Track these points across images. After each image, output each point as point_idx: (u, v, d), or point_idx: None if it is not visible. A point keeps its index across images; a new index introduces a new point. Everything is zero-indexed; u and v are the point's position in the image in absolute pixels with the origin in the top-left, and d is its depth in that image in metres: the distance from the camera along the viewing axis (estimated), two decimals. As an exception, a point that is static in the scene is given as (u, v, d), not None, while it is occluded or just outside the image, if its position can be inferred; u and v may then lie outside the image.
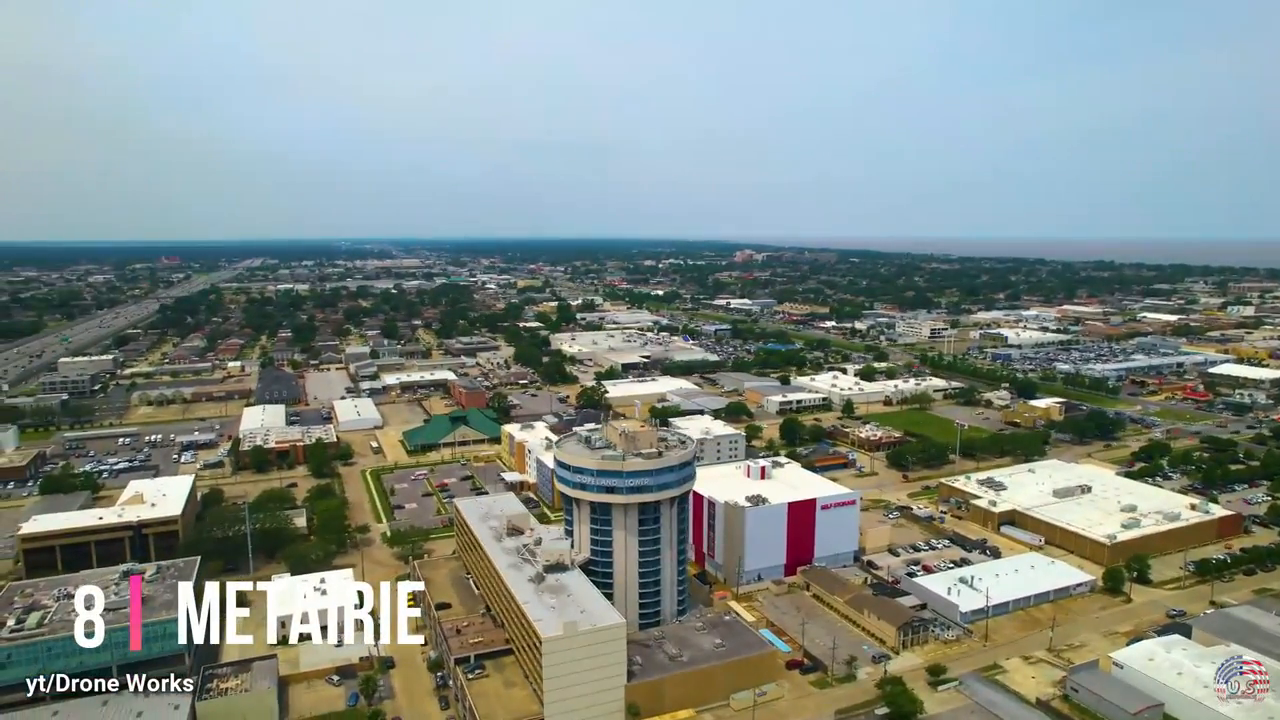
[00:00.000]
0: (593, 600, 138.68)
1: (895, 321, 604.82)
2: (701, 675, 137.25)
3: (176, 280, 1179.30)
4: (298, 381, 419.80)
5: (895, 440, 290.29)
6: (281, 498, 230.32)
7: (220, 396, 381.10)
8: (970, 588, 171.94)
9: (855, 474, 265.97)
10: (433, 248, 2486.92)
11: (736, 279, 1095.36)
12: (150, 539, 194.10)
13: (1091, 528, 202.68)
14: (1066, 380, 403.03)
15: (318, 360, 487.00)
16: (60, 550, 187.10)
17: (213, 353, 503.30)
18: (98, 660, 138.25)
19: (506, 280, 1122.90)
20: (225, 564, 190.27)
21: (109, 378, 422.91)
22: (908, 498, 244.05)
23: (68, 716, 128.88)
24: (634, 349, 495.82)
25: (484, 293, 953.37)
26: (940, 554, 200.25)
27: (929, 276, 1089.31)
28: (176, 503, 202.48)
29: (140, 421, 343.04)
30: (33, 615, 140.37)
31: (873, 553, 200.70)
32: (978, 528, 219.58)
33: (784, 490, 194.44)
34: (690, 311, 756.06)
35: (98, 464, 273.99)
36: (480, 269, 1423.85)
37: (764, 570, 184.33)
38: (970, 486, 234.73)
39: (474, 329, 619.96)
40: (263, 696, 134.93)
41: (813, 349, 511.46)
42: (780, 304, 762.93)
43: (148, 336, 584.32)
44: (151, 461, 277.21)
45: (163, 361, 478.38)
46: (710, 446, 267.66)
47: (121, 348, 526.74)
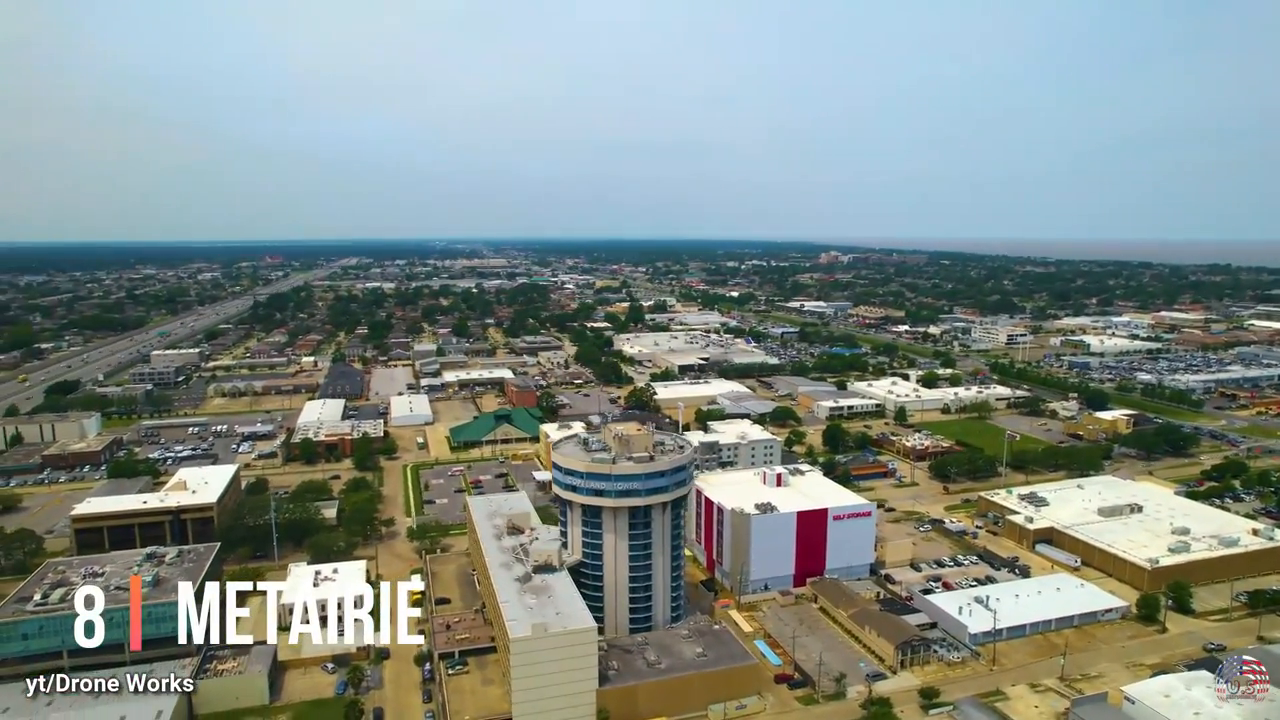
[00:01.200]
0: (571, 603, 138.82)
1: (971, 327, 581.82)
2: (678, 684, 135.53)
3: (275, 278, 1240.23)
4: (364, 377, 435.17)
5: (942, 450, 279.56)
6: (319, 489, 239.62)
7: (288, 390, 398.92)
8: (985, 608, 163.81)
9: (894, 484, 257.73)
10: (522, 247, 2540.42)
11: (817, 281, 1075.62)
12: (188, 524, 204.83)
13: (1133, 550, 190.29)
14: (1145, 391, 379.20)
15: (387, 357, 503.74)
16: (108, 531, 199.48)
17: (291, 348, 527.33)
18: (111, 637, 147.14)
19: (586, 281, 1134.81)
20: (254, 551, 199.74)
21: (193, 370, 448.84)
22: (944, 510, 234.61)
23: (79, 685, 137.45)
24: (694, 351, 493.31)
25: (561, 292, 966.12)
26: (965, 571, 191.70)
27: (1019, 280, 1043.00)
28: (215, 490, 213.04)
29: (213, 412, 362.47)
30: (56, 592, 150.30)
31: (893, 566, 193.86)
32: (1012, 545, 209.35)
33: (798, 499, 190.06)
34: (762, 314, 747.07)
35: (165, 451, 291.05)
36: (564, 269, 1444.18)
37: (771, 580, 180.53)
38: (1009, 501, 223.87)
39: (542, 328, 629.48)
40: (254, 679, 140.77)
41: (879, 353, 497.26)
42: (855, 307, 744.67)
43: (236, 331, 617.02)
44: (212, 450, 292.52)
45: (245, 355, 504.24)
46: (745, 451, 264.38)
47: (211, 341, 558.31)
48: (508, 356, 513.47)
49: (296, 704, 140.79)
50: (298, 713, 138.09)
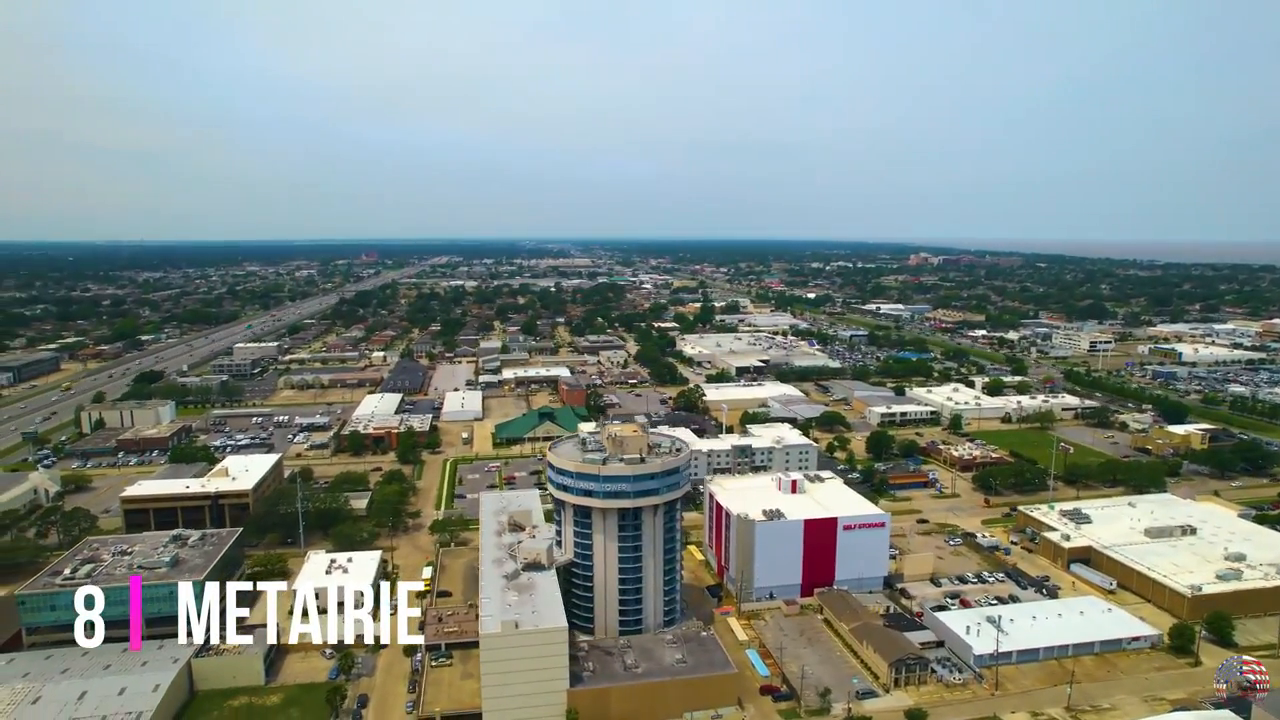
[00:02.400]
0: (550, 602, 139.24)
1: (1052, 332, 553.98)
2: (652, 689, 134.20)
3: (366, 275, 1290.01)
4: (427, 372, 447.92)
5: (991, 461, 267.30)
6: (356, 480, 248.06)
7: (353, 384, 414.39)
8: (996, 628, 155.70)
9: (933, 494, 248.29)
10: (610, 248, 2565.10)
11: (900, 283, 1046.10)
12: (225, 508, 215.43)
13: (1176, 574, 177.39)
14: (1235, 405, 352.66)
15: (453, 353, 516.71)
16: (153, 513, 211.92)
17: (365, 343, 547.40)
18: (125, 614, 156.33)
19: (664, 281, 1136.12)
20: (284, 537, 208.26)
21: (269, 363, 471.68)
22: (981, 524, 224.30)
23: (92, 655, 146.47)
24: (755, 352, 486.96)
25: (637, 292, 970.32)
26: (988, 588, 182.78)
27: (1118, 283, 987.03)
28: (253, 478, 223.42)
29: (280, 403, 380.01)
30: (85, 568, 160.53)
31: (912, 580, 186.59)
32: (1046, 563, 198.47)
33: (810, 506, 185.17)
34: (837, 316, 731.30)
35: (228, 439, 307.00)
36: (646, 269, 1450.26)
37: (777, 589, 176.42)
38: (1048, 517, 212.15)
39: (609, 327, 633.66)
40: (251, 660, 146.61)
41: (948, 359, 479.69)
42: (934, 310, 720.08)
43: (318, 326, 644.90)
44: (269, 440, 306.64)
45: (321, 350, 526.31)
46: (779, 456, 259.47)
47: (292, 336, 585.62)
48: (570, 355, 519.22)
49: (290, 686, 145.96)
50: (289, 695, 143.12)
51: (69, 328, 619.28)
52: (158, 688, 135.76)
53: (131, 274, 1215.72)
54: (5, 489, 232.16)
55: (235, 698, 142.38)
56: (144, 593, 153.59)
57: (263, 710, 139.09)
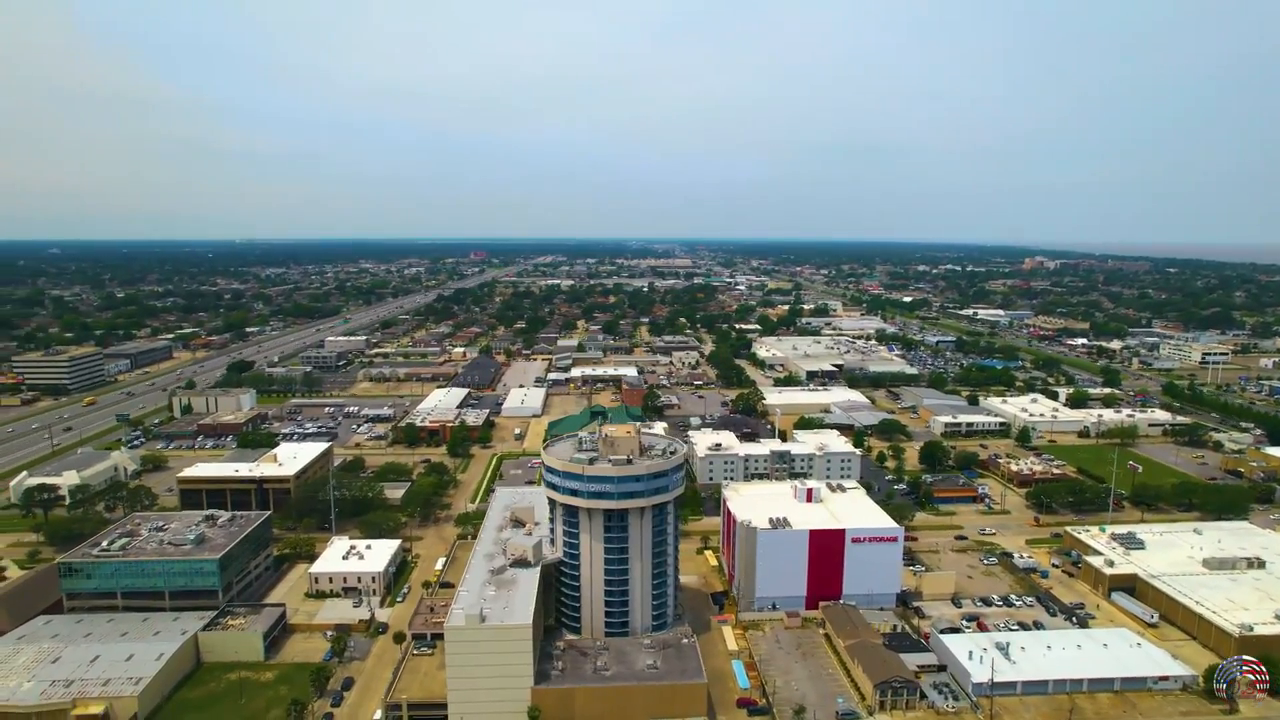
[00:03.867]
0: (523, 600, 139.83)
1: (1161, 342, 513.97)
2: (618, 693, 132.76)
3: (470, 273, 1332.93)
4: (500, 368, 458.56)
5: (1051, 477, 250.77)
6: (400, 470, 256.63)
7: (427, 378, 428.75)
8: (1004, 656, 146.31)
9: (981, 510, 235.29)
10: (715, 248, 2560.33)
11: (1009, 288, 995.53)
12: (270, 492, 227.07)
13: (1228, 611, 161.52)
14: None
15: (530, 350, 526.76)
16: (206, 493, 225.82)
17: (450, 339, 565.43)
18: (152, 585, 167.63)
19: (759, 282, 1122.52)
20: (320, 521, 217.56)
21: (354, 356, 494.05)
22: (1025, 544, 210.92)
23: (116, 622, 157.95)
24: (831, 357, 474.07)
25: (729, 293, 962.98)
26: (1013, 612, 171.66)
27: (1257, 290, 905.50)
28: (297, 465, 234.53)
29: (356, 395, 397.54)
30: (120, 541, 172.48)
31: (932, 599, 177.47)
32: (1086, 589, 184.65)
33: (820, 517, 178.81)
34: (930, 321, 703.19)
35: (298, 426, 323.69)
36: (746, 270, 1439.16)
37: (780, 599, 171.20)
38: (1096, 540, 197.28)
39: (691, 328, 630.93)
40: (251, 638, 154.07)
41: (1037, 368, 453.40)
42: (1035, 317, 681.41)
43: (411, 321, 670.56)
44: (334, 430, 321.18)
45: (408, 344, 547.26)
46: (820, 463, 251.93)
47: (384, 330, 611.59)
48: (644, 355, 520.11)
49: (287, 664, 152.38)
50: (284, 673, 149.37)
51: (190, 319, 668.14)
52: (160, 657, 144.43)
53: (257, 270, 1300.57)
54: (89, 465, 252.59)
55: (234, 672, 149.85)
56: (167, 567, 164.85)
57: (255, 685, 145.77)
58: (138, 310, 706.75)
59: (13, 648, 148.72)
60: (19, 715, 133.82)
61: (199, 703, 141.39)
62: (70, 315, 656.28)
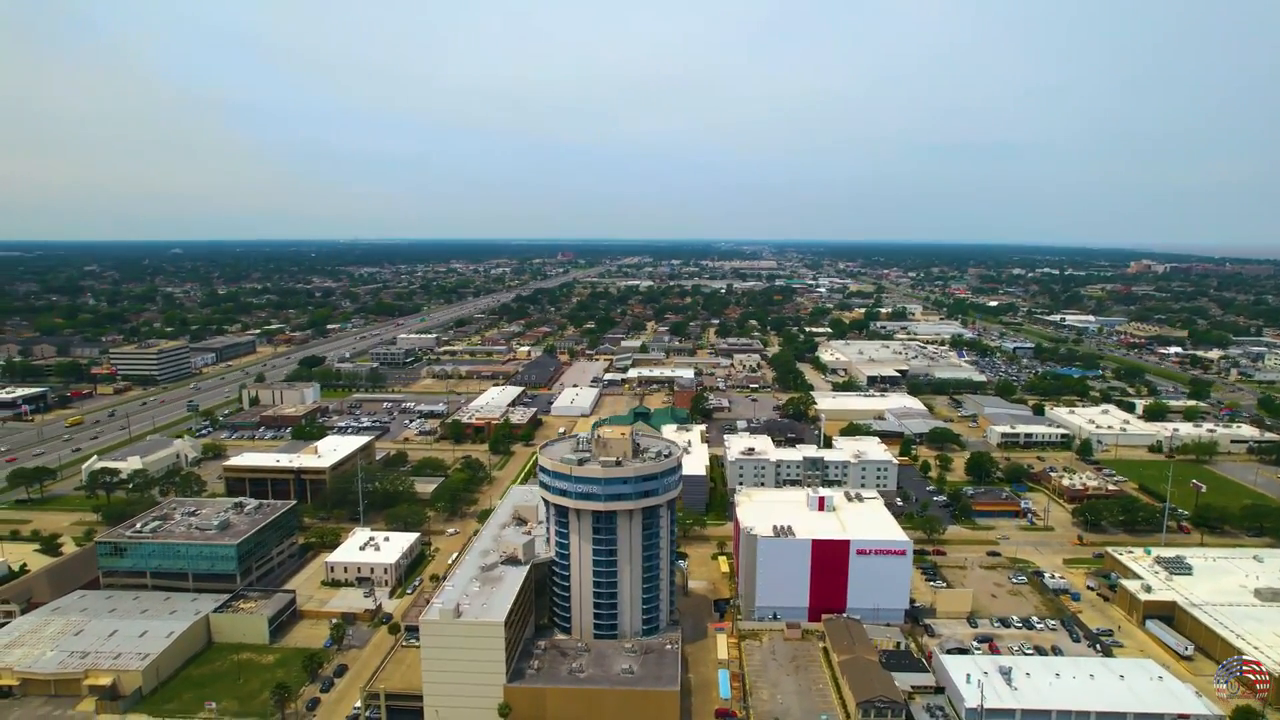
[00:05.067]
0: (503, 597, 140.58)
1: (1265, 352, 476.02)
2: (589, 695, 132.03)
3: (554, 274, 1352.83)
4: (559, 368, 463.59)
5: (1105, 493, 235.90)
6: (436, 466, 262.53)
7: (487, 375, 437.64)
8: (1005, 681, 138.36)
9: (1022, 525, 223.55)
10: (805, 250, 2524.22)
11: (1108, 292, 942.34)
12: (307, 483, 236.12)
13: (1272, 648, 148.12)
14: None
15: (594, 350, 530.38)
16: (249, 482, 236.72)
17: (520, 338, 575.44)
18: (177, 566, 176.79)
19: (841, 285, 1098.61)
20: (351, 512, 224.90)
21: (423, 353, 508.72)
22: (1062, 563, 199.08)
23: (141, 600, 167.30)
24: (897, 362, 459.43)
25: (808, 296, 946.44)
26: (1031, 636, 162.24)
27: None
28: (334, 458, 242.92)
29: (417, 390, 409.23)
30: (152, 523, 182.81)
31: (945, 616, 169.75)
32: (1120, 615, 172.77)
33: (828, 526, 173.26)
34: (1013, 326, 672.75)
35: (354, 420, 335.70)
36: (832, 272, 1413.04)
37: (783, 610, 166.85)
38: (1138, 563, 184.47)
39: (761, 330, 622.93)
40: (257, 621, 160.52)
41: (1118, 377, 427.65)
42: (1127, 323, 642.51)
43: (485, 320, 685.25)
44: (387, 424, 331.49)
45: (477, 343, 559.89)
46: (854, 471, 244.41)
47: (457, 328, 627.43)
48: (707, 357, 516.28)
49: (289, 649, 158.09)
50: (284, 656, 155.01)
51: (279, 316, 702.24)
52: (170, 634, 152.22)
53: (353, 269, 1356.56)
54: (153, 452, 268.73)
55: (240, 653, 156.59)
56: (191, 550, 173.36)
57: (255, 666, 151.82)
58: (234, 306, 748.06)
59: (45, 619, 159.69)
60: (39, 681, 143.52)
61: (201, 680, 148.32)
62: (172, 311, 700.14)
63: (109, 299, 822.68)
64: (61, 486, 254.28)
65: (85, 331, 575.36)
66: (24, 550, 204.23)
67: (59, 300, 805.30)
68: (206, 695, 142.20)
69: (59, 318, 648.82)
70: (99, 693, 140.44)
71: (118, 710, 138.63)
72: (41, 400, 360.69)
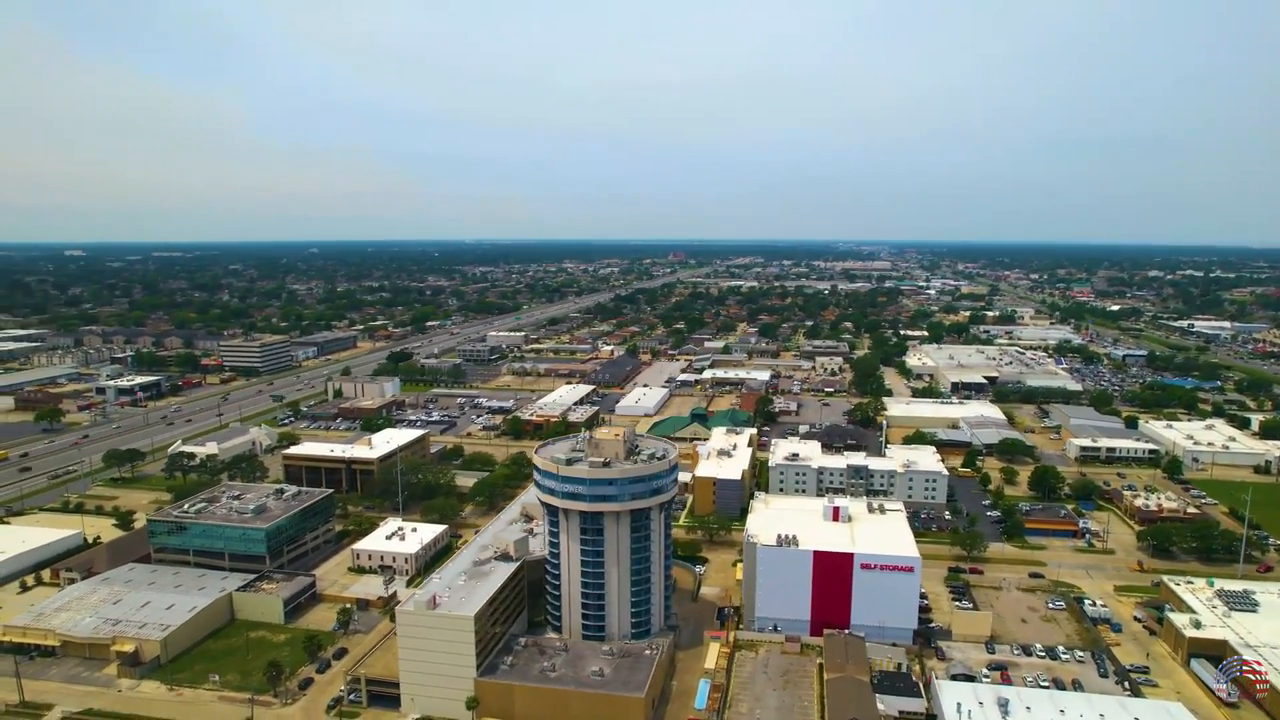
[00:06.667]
0: (483, 592, 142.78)
1: None
2: (555, 695, 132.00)
3: (661, 274, 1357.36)
4: (636, 367, 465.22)
5: (1183, 516, 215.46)
6: (485, 460, 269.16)
7: (564, 374, 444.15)
8: (1002, 713, 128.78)
9: (1079, 546, 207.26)
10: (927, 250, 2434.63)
11: (1256, 296, 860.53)
12: (357, 473, 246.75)
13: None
14: None
15: (677, 351, 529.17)
16: (305, 470, 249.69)
17: (606, 337, 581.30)
18: (216, 546, 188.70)
19: (953, 287, 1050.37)
20: (393, 502, 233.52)
21: (509, 350, 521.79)
22: (1114, 590, 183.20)
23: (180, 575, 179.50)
24: (987, 368, 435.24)
25: (916, 298, 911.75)
26: (1052, 666, 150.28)
27: None
28: (383, 450, 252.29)
29: (493, 387, 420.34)
30: (199, 506, 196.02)
31: (962, 639, 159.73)
32: (1165, 651, 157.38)
33: (836, 538, 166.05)
34: (1132, 332, 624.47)
35: (425, 414, 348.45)
36: (948, 274, 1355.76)
37: (782, 622, 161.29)
38: (1195, 594, 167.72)
39: (853, 333, 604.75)
40: (273, 602, 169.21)
41: (1241, 389, 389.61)
42: (1269, 330, 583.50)
43: (577, 319, 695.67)
44: (454, 419, 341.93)
45: (565, 341, 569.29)
46: (901, 481, 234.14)
47: (550, 326, 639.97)
48: (791, 359, 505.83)
49: (300, 629, 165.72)
50: (294, 636, 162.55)
51: (388, 313, 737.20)
52: (193, 609, 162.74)
53: (468, 268, 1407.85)
54: (230, 438, 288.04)
55: (255, 631, 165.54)
56: (225, 532, 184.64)
57: (266, 644, 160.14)
58: (347, 303, 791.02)
59: (93, 588, 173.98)
60: (76, 644, 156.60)
61: (216, 653, 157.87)
62: (289, 307, 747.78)
63: (241, 295, 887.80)
64: (150, 468, 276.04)
65: (211, 326, 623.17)
66: (104, 524, 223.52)
67: (199, 296, 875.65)
68: (218, 668, 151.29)
69: (193, 313, 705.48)
70: (123, 658, 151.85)
71: (136, 676, 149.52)
72: (155, 388, 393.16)
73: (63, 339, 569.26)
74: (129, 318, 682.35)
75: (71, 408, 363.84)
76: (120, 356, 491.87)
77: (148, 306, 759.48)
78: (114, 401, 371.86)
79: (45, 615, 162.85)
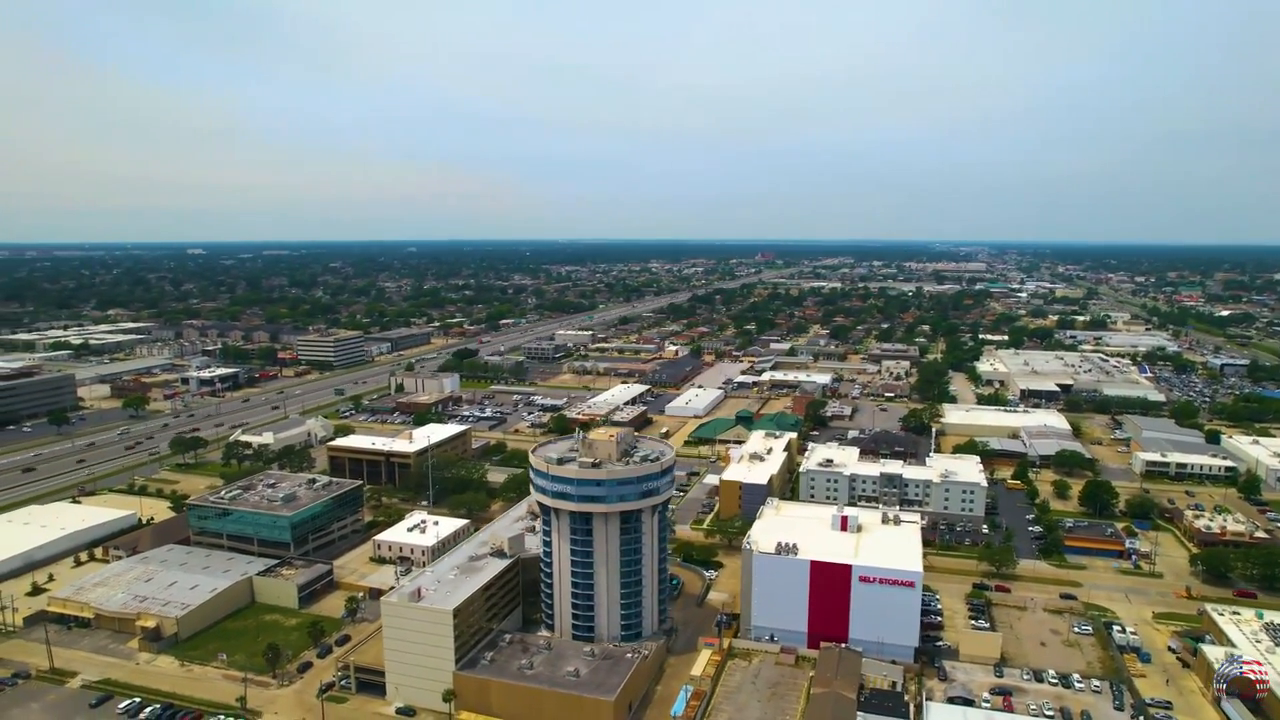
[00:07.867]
0: (468, 587, 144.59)
1: None
2: (528, 693, 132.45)
3: (744, 274, 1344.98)
4: (696, 368, 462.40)
5: (1248, 540, 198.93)
6: (523, 458, 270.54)
7: (624, 373, 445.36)
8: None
9: (1123, 568, 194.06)
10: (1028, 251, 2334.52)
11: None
12: (395, 466, 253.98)
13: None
14: None
15: (743, 352, 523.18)
16: (348, 461, 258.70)
17: (674, 337, 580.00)
18: (245, 531, 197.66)
19: (1047, 290, 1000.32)
20: (424, 495, 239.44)
21: (574, 349, 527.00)
22: (1153, 617, 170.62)
23: (211, 557, 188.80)
24: (1064, 375, 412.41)
25: (1005, 301, 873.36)
26: (1062, 695, 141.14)
27: None
28: (420, 444, 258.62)
29: (551, 385, 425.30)
30: (235, 492, 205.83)
31: (969, 660, 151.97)
32: (1195, 687, 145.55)
33: (839, 548, 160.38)
34: (1240, 339, 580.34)
35: (478, 410, 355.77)
36: (1046, 276, 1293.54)
37: (779, 632, 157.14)
38: (1239, 626, 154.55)
39: (929, 336, 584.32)
40: (289, 587, 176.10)
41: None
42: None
43: (649, 318, 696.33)
44: (503, 416, 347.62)
45: (633, 340, 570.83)
46: (937, 491, 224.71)
47: (619, 326, 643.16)
48: (858, 362, 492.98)
49: (312, 615, 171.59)
50: (304, 621, 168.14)
51: (469, 310, 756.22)
52: (214, 590, 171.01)
53: (554, 267, 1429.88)
54: (287, 429, 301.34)
55: (271, 613, 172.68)
56: (254, 519, 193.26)
57: (277, 627, 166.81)
58: (430, 301, 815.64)
59: (130, 565, 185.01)
60: (108, 618, 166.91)
61: (231, 633, 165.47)
62: (373, 303, 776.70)
63: (333, 292, 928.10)
64: (213, 454, 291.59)
65: (300, 321, 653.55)
66: (160, 506, 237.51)
67: (295, 292, 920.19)
68: (229, 647, 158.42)
69: (285, 308, 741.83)
70: (145, 633, 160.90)
71: (154, 650, 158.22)
72: (233, 379, 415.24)
73: (165, 332, 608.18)
74: (226, 312, 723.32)
75: (159, 396, 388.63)
76: (210, 349, 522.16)
77: (246, 302, 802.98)
78: (195, 391, 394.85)
79: (85, 589, 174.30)
